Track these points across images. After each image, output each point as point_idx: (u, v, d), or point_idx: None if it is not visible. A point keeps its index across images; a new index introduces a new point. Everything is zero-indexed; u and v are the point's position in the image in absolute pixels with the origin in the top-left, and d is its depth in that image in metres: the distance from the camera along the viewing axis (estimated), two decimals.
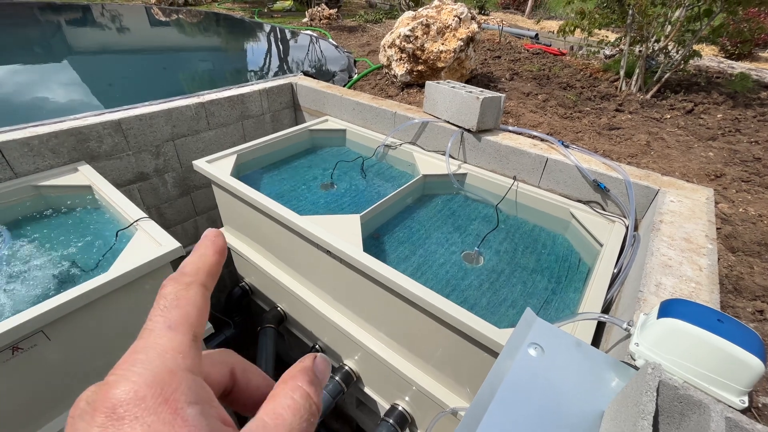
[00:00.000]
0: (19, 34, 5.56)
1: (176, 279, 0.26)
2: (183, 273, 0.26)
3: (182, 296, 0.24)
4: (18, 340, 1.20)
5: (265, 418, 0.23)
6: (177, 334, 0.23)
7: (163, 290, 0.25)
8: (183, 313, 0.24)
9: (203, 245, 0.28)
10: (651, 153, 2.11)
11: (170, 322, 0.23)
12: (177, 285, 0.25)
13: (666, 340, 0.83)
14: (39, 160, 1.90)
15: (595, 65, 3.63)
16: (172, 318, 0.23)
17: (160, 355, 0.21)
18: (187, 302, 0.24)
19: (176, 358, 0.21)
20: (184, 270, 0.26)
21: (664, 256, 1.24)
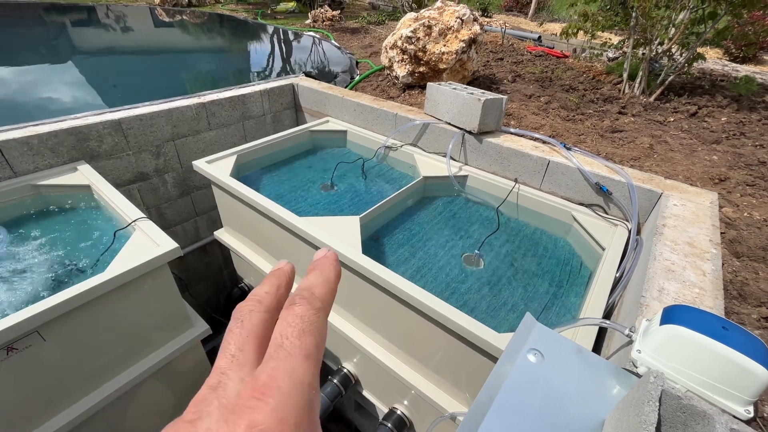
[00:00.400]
0: (25, 34, 5.59)
1: (309, 301, 0.25)
2: (314, 296, 0.25)
3: (314, 322, 0.24)
4: (12, 340, 1.19)
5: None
6: (311, 365, 0.22)
7: (297, 309, 0.24)
8: (315, 342, 0.23)
9: (327, 269, 0.28)
10: (654, 156, 2.09)
11: (307, 350, 0.22)
12: (311, 309, 0.24)
13: (669, 348, 0.81)
14: (38, 160, 1.90)
15: (598, 68, 3.61)
16: (308, 345, 0.22)
17: (298, 386, 0.21)
18: (318, 330, 0.24)
19: (311, 393, 0.21)
20: (314, 292, 0.26)
21: (667, 261, 1.22)
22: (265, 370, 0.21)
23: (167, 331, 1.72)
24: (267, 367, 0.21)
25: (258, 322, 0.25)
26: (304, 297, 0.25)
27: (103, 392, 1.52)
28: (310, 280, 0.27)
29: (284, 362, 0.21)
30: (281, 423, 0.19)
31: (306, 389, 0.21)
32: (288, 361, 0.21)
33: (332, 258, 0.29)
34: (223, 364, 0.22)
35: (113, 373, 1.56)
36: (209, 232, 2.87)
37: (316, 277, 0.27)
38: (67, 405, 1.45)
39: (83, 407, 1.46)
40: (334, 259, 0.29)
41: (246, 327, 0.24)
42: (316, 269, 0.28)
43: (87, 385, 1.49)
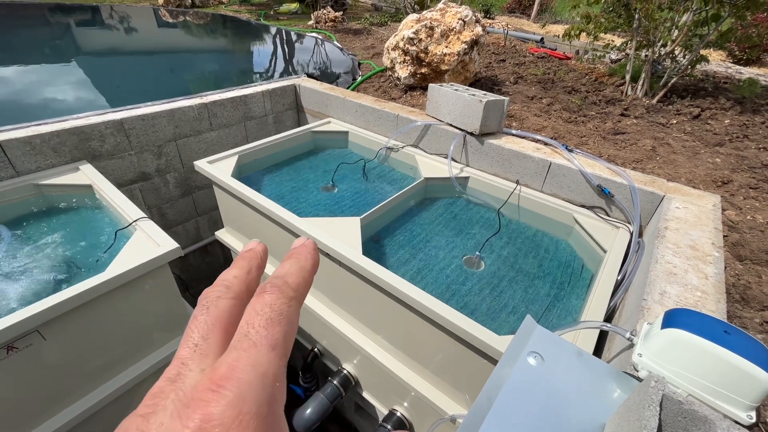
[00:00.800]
0: (30, 34, 5.63)
1: (281, 290, 0.24)
2: (287, 284, 0.24)
3: (285, 312, 0.23)
4: (13, 339, 1.19)
5: None
6: (277, 357, 0.21)
7: (266, 297, 0.23)
8: (284, 332, 0.22)
9: (303, 257, 0.26)
10: (656, 158, 2.08)
11: (273, 340, 0.21)
12: (281, 297, 0.23)
13: (670, 352, 0.80)
14: (41, 159, 1.91)
15: (601, 69, 3.60)
16: (275, 336, 0.21)
17: (260, 378, 0.19)
18: (288, 320, 0.23)
19: (274, 386, 0.20)
20: (287, 280, 0.24)
21: (669, 264, 1.21)
22: (226, 361, 0.20)
23: (168, 331, 1.72)
24: (228, 357, 0.20)
25: (225, 309, 0.23)
26: (276, 285, 0.24)
27: (104, 391, 1.52)
28: (285, 267, 0.26)
29: (247, 352, 0.20)
30: (239, 416, 0.18)
31: (269, 381, 0.20)
32: (252, 351, 0.20)
33: (310, 246, 0.28)
34: (184, 354, 0.21)
35: (113, 373, 1.56)
36: (210, 232, 2.88)
37: (292, 266, 0.26)
38: (67, 404, 1.45)
39: (83, 406, 1.46)
40: (313, 248, 0.28)
41: (212, 314, 0.23)
42: (292, 257, 0.26)
43: (87, 384, 1.49)
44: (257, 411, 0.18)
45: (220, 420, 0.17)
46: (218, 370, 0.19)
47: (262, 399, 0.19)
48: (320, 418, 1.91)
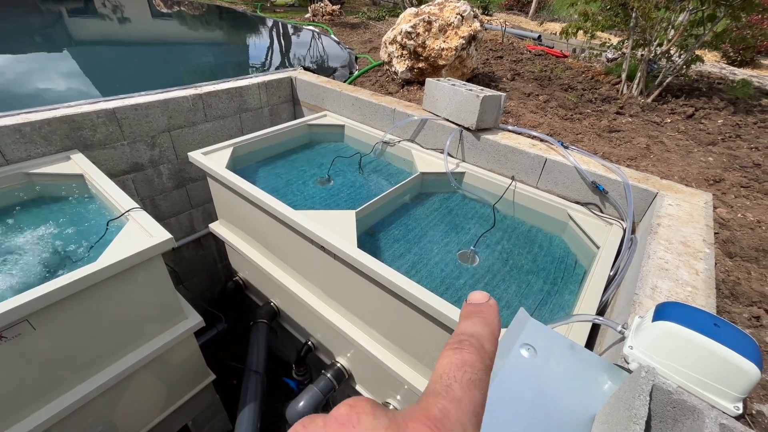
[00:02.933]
0: (21, 22, 5.50)
1: (480, 354, 0.23)
2: (485, 349, 0.24)
3: (483, 379, 0.22)
4: (1, 328, 1.17)
5: None
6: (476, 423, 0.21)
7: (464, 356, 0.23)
8: (482, 402, 0.22)
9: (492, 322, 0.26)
10: (650, 156, 2.09)
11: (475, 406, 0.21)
12: (480, 363, 0.23)
13: (660, 344, 0.81)
14: (31, 148, 1.87)
15: (597, 68, 3.62)
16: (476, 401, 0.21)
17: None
18: (485, 389, 0.22)
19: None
20: (484, 345, 0.24)
21: (661, 260, 1.22)
22: (435, 404, 0.20)
23: (160, 323, 1.70)
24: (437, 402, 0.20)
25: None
26: (474, 346, 0.24)
27: (95, 382, 1.50)
28: (476, 327, 0.25)
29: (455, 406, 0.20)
30: None
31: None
32: (459, 406, 0.20)
33: (495, 308, 0.27)
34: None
35: (105, 364, 1.54)
36: (204, 224, 2.85)
37: (483, 329, 0.25)
38: (57, 395, 1.44)
39: (74, 397, 1.45)
40: (496, 311, 0.27)
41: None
42: (479, 317, 0.26)
43: (78, 375, 1.48)
44: None
45: None
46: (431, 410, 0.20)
47: None
48: (313, 411, 1.91)
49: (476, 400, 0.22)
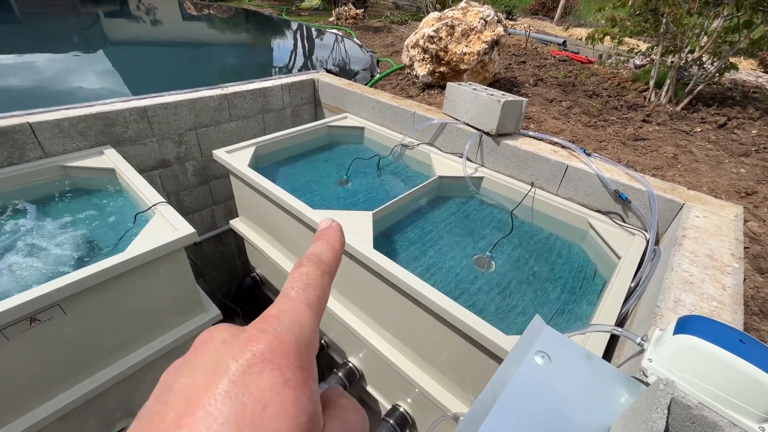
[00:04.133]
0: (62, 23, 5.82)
1: (316, 264, 0.27)
2: (321, 260, 0.28)
3: (318, 281, 0.26)
4: (35, 312, 1.24)
5: None
6: (312, 314, 0.24)
7: (302, 269, 0.27)
8: (318, 296, 0.26)
9: (332, 238, 0.30)
10: (677, 166, 2.03)
11: (309, 300, 0.25)
12: (316, 270, 0.27)
13: (681, 358, 0.79)
14: (68, 142, 1.98)
15: (624, 74, 3.53)
16: (311, 297, 0.25)
17: (301, 325, 0.23)
18: (321, 287, 0.26)
19: (310, 334, 0.23)
20: (321, 257, 0.28)
21: (686, 272, 1.19)
22: (273, 307, 0.24)
23: (180, 314, 1.76)
24: (273, 308, 0.24)
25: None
26: (312, 260, 0.27)
27: (117, 368, 1.57)
28: (318, 247, 0.29)
29: (288, 304, 0.24)
30: (281, 345, 0.21)
31: (306, 329, 0.23)
32: (291, 303, 0.24)
33: (337, 228, 0.31)
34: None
35: (126, 351, 1.61)
36: (225, 221, 2.93)
37: (323, 245, 0.29)
38: (82, 378, 1.50)
39: (97, 381, 1.51)
40: (339, 230, 0.31)
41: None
42: (322, 238, 0.30)
43: (102, 360, 1.54)
44: (295, 346, 0.22)
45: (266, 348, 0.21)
46: (269, 312, 0.24)
47: (299, 339, 0.22)
48: None
49: (310, 297, 0.25)
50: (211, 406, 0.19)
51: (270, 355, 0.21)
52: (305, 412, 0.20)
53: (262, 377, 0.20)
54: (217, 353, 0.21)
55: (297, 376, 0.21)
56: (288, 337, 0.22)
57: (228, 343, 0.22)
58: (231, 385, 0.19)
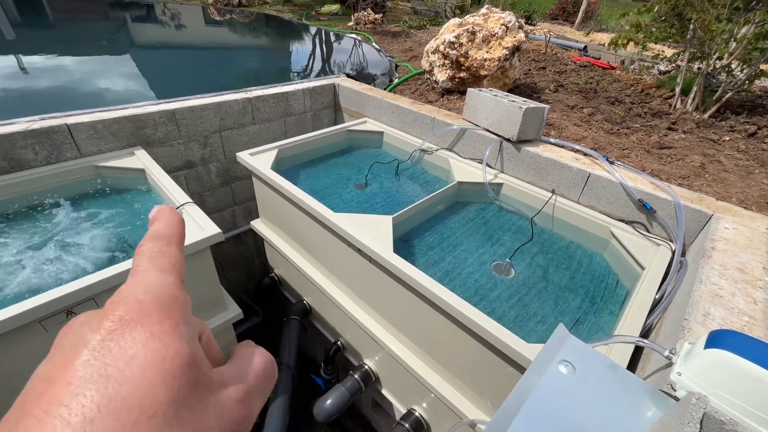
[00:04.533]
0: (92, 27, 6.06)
1: (154, 239, 0.27)
2: (159, 235, 0.27)
3: (165, 251, 0.26)
4: (72, 305, 1.30)
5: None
6: (169, 276, 0.25)
7: (143, 248, 0.26)
8: (169, 262, 0.26)
9: (165, 216, 0.29)
10: (705, 176, 1.98)
11: (159, 266, 0.25)
12: (156, 243, 0.27)
13: (712, 373, 0.78)
14: (102, 143, 2.06)
15: (648, 81, 3.46)
16: (160, 263, 0.25)
17: (156, 285, 0.24)
18: (169, 255, 0.26)
19: (171, 292, 0.24)
20: (159, 233, 0.28)
21: (715, 286, 1.16)
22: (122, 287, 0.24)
23: (203, 312, 1.81)
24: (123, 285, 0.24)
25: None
26: (149, 238, 0.27)
27: None
28: (153, 228, 0.29)
29: (137, 276, 0.24)
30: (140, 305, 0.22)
31: (165, 289, 0.23)
32: (141, 275, 0.24)
33: (167, 208, 0.30)
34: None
35: None
36: (245, 221, 3.00)
37: (158, 224, 0.29)
38: None
39: None
40: (169, 208, 0.30)
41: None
42: (156, 221, 0.29)
43: None
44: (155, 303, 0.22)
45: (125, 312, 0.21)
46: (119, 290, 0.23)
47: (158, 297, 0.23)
48: (340, 410, 1.95)
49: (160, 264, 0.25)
50: (70, 376, 0.18)
51: (129, 317, 0.21)
52: (176, 354, 0.20)
53: (124, 337, 0.20)
54: (75, 335, 0.21)
55: (163, 327, 0.21)
56: (145, 298, 0.22)
57: (86, 323, 0.22)
58: (91, 353, 0.19)
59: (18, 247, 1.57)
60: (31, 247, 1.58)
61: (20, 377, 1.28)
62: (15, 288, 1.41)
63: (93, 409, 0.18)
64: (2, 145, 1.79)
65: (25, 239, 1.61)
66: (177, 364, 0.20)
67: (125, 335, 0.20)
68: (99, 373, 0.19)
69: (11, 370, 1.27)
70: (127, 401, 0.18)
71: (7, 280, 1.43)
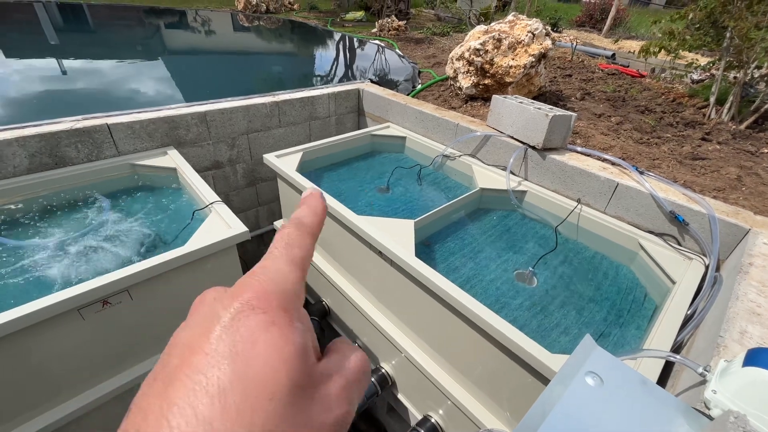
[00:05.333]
0: (128, 33, 6.37)
1: (297, 226, 0.29)
2: (302, 223, 0.30)
3: (300, 241, 0.28)
4: (108, 295, 1.36)
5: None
6: (296, 269, 0.27)
7: (284, 230, 0.29)
8: (301, 255, 0.28)
9: (314, 203, 0.32)
10: (742, 189, 1.90)
11: (292, 257, 0.27)
12: (297, 231, 0.29)
13: (751, 392, 0.75)
14: (138, 142, 2.16)
15: (680, 90, 3.36)
16: (293, 254, 0.27)
17: (284, 276, 0.26)
18: (304, 246, 0.28)
19: (294, 285, 0.26)
20: (302, 221, 0.30)
21: (753, 303, 1.11)
22: (258, 266, 0.26)
23: None
24: (257, 265, 0.26)
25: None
26: (293, 222, 0.30)
27: None
28: (300, 212, 0.31)
29: (271, 261, 0.26)
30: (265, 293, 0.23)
31: (290, 283, 0.25)
32: (274, 260, 0.26)
33: (317, 195, 0.33)
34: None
35: None
36: (268, 222, 3.06)
37: (305, 210, 0.31)
38: (132, 364, 1.62)
39: (149, 366, 1.62)
40: (320, 195, 0.33)
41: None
42: (304, 204, 0.32)
43: (154, 347, 1.66)
44: (279, 294, 0.24)
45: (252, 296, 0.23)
46: (254, 270, 0.26)
47: (282, 288, 0.25)
48: (356, 411, 1.95)
49: (293, 255, 0.27)
50: (207, 347, 0.21)
51: (256, 302, 0.23)
52: (293, 344, 0.22)
53: (249, 320, 0.22)
54: (210, 308, 0.24)
55: (282, 318, 0.23)
56: (271, 287, 0.24)
57: (218, 299, 0.24)
58: (223, 330, 0.21)
59: (60, 237, 1.66)
60: (73, 237, 1.67)
61: (59, 360, 1.36)
62: (57, 275, 1.49)
63: (225, 381, 0.20)
64: (48, 142, 1.90)
65: (67, 230, 1.71)
66: (294, 352, 0.22)
67: (250, 318, 0.22)
68: (230, 350, 0.21)
69: (52, 353, 1.34)
70: (253, 380, 0.20)
71: (49, 267, 1.51)
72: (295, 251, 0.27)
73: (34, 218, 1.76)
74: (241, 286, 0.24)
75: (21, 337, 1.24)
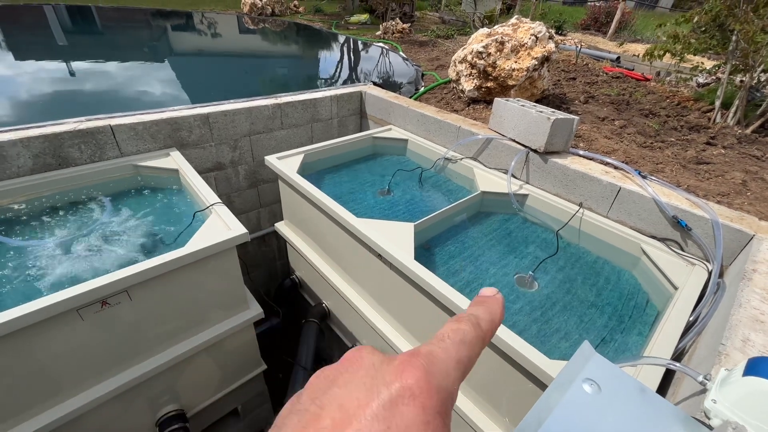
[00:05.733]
0: (135, 35, 6.44)
1: (474, 326, 0.28)
2: (479, 325, 0.28)
3: (473, 342, 0.27)
4: (107, 296, 1.37)
5: None
6: (459, 371, 0.25)
7: (462, 324, 0.28)
8: (468, 357, 0.26)
9: (494, 310, 0.30)
10: (747, 194, 1.88)
11: (460, 355, 0.26)
12: (473, 332, 0.28)
13: (751, 402, 0.73)
14: (140, 144, 2.18)
15: (685, 93, 3.33)
16: (462, 353, 0.26)
17: (448, 375, 0.24)
18: (473, 350, 0.27)
19: (453, 387, 0.25)
20: (480, 323, 0.28)
21: (756, 310, 1.09)
22: (425, 347, 0.25)
23: (224, 310, 1.86)
24: (425, 346, 0.25)
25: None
26: (472, 321, 0.28)
27: (164, 357, 1.66)
28: (479, 311, 0.29)
29: (441, 351, 0.25)
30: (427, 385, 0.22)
31: (450, 381, 0.24)
32: (444, 352, 0.25)
33: (501, 301, 0.31)
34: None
35: (174, 341, 1.71)
36: (269, 223, 3.07)
37: (485, 312, 0.29)
38: (137, 362, 1.63)
39: (149, 366, 1.62)
40: (502, 303, 0.31)
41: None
42: (485, 305, 0.30)
43: (153, 347, 1.66)
44: (440, 392, 0.23)
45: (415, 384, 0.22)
46: (420, 349, 0.25)
47: (444, 386, 0.23)
48: None
49: (462, 354, 0.26)
50: (361, 423, 0.21)
51: (418, 391, 0.22)
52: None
53: (407, 411, 0.21)
54: (369, 375, 0.23)
55: (436, 421, 0.22)
56: (435, 381, 0.23)
57: (378, 368, 0.24)
58: (380, 410, 0.21)
59: (62, 237, 1.67)
60: (74, 237, 1.68)
61: (58, 360, 1.36)
62: (58, 275, 1.50)
63: None
64: (52, 143, 1.92)
65: (69, 230, 1.72)
66: None
67: (408, 408, 0.22)
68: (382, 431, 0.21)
69: (51, 353, 1.34)
70: None
71: (51, 267, 1.52)
72: (463, 351, 0.26)
73: (37, 218, 1.78)
74: (404, 365, 0.23)
75: (20, 337, 1.24)
